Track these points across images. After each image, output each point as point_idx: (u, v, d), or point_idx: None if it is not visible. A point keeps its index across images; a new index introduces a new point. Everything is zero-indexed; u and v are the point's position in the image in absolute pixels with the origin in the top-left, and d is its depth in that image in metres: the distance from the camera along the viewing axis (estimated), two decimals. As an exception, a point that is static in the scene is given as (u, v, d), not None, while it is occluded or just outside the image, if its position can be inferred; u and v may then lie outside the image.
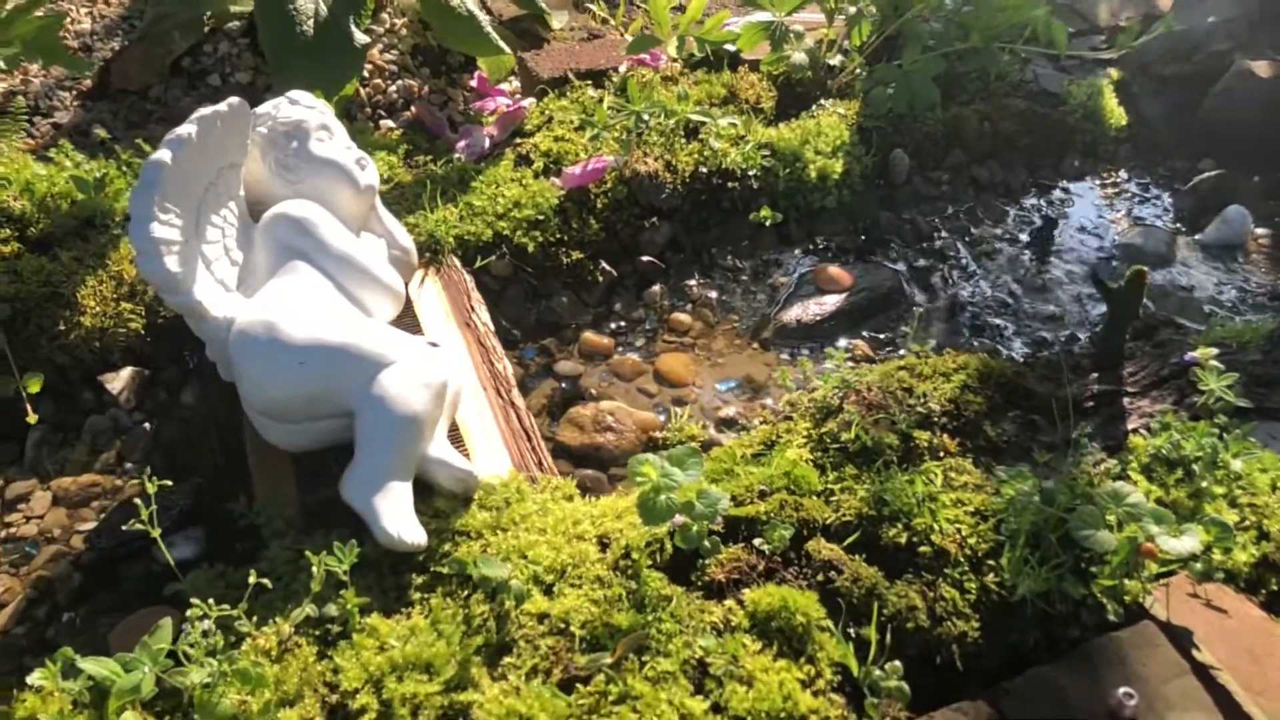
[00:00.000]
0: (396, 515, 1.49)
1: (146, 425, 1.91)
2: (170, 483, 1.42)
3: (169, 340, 2.02)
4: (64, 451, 1.86)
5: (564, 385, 2.12)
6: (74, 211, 2.09)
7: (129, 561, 1.70)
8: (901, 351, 2.21)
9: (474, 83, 2.85)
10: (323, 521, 1.59)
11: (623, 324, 2.29)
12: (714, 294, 2.38)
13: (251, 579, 1.33)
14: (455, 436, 1.74)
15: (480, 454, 1.74)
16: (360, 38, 2.40)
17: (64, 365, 1.91)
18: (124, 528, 1.42)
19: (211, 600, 1.30)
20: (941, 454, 1.78)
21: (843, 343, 2.25)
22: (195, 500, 1.75)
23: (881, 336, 2.29)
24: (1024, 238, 2.68)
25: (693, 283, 2.41)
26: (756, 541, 1.61)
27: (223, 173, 1.70)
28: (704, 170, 2.51)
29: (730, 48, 2.84)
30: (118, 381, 1.93)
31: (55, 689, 1.34)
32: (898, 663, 1.45)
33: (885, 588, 1.56)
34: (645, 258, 2.40)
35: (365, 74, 2.73)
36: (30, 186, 2.09)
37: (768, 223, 2.50)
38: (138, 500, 1.38)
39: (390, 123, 2.66)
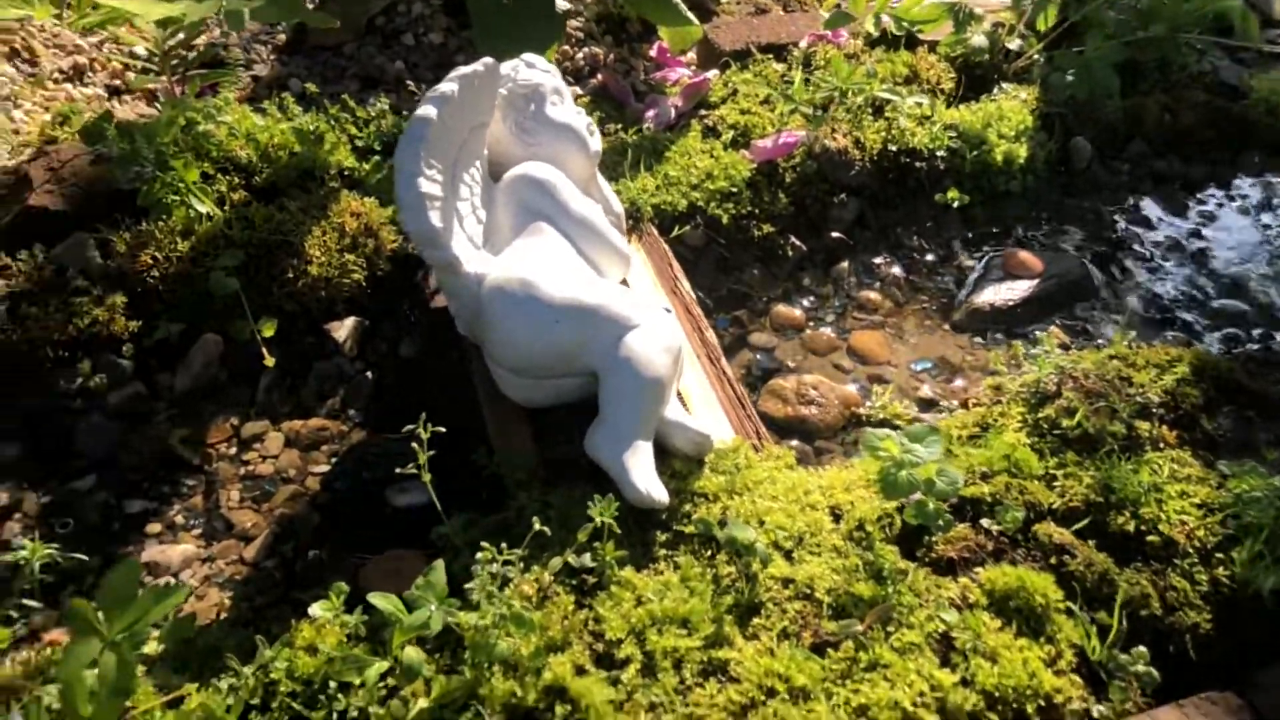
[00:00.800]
0: (644, 473, 1.53)
1: (369, 374, 1.97)
2: (444, 429, 1.47)
3: (387, 293, 2.09)
4: (292, 396, 1.93)
5: (759, 357, 2.14)
6: (294, 163, 2.16)
7: (362, 504, 1.76)
8: (1099, 341, 2.20)
9: (653, 52, 2.87)
10: (560, 475, 1.64)
11: (812, 299, 2.30)
12: (900, 273, 2.39)
13: (536, 525, 1.38)
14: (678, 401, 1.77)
15: (702, 419, 1.77)
16: (561, 3, 2.43)
17: (292, 312, 1.97)
18: (398, 470, 1.47)
19: (504, 544, 1.35)
20: (1161, 445, 1.77)
21: (1034, 329, 2.24)
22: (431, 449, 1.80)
23: (1074, 324, 2.27)
24: (1207, 233, 2.64)
25: (879, 261, 2.41)
26: (984, 521, 1.62)
27: (474, 131, 1.74)
28: (892, 149, 2.51)
29: (913, 28, 2.82)
30: (342, 330, 1.99)
31: (327, 621, 1.40)
32: (1143, 648, 1.46)
33: (1116, 574, 1.57)
34: (834, 234, 2.41)
35: (552, 40, 2.76)
36: (253, 136, 2.16)
37: (955, 204, 2.50)
38: (415, 445, 1.44)
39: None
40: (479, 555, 1.35)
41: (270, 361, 1.88)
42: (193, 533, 1.71)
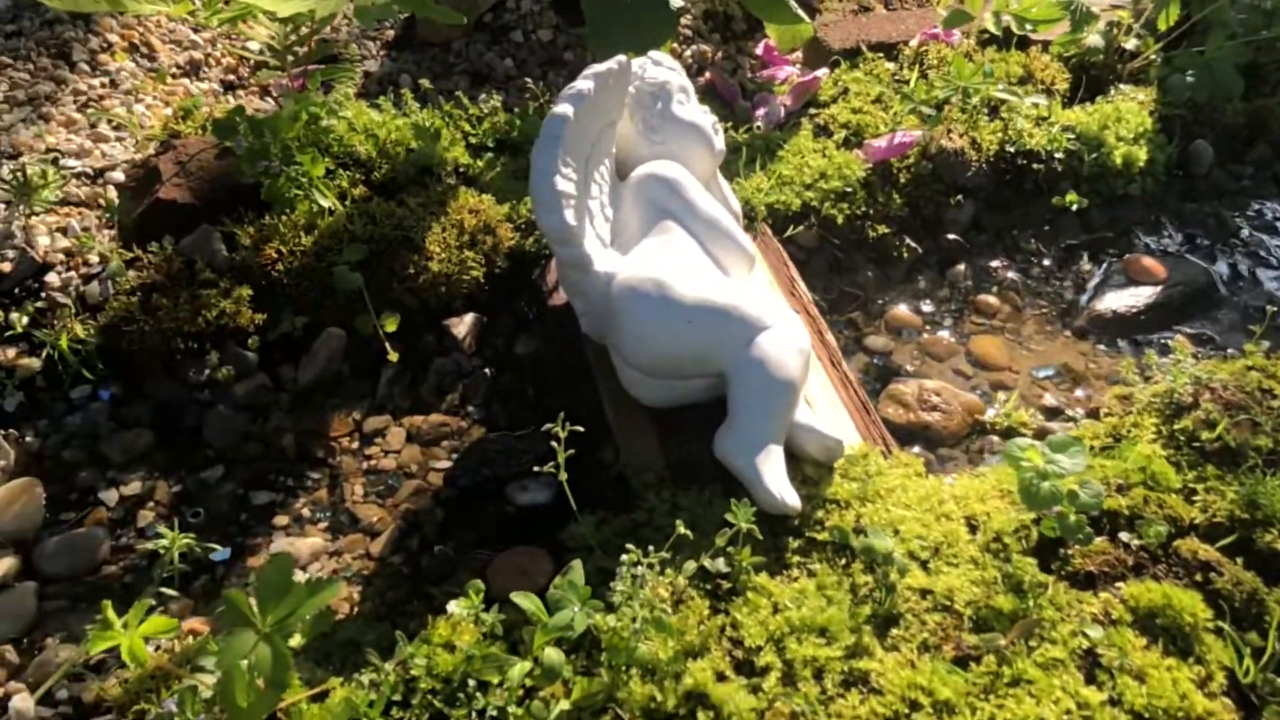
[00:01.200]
0: (778, 479, 1.51)
1: (486, 371, 1.97)
2: (582, 428, 1.46)
3: (504, 290, 2.09)
4: (412, 391, 1.94)
5: (876, 361, 2.11)
6: (411, 159, 2.17)
7: (484, 502, 1.76)
8: (1229, 350, 2.13)
9: (759, 50, 2.84)
10: (686, 476, 1.62)
11: (928, 302, 2.26)
12: (1017, 277, 2.34)
13: (679, 529, 1.36)
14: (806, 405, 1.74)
15: (828, 424, 1.74)
16: (675, 1, 2.41)
17: (411, 308, 1.98)
18: (536, 469, 1.47)
19: (652, 547, 1.33)
20: (1308, 461, 1.71)
21: (1159, 337, 2.18)
22: (551, 448, 1.80)
23: (1199, 333, 2.21)
24: (1335, 240, 2.55)
25: (996, 264, 2.37)
26: (1122, 535, 1.58)
27: (604, 130, 1.73)
28: (1009, 150, 2.45)
29: (1032, 28, 2.75)
30: (461, 327, 2.00)
31: (462, 618, 1.40)
32: (1302, 672, 1.41)
33: (1265, 594, 1.51)
34: (950, 236, 2.36)
35: (659, 37, 2.74)
36: (372, 132, 2.18)
37: (1074, 207, 2.44)
38: (552, 443, 1.43)
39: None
40: (624, 557, 1.34)
41: (394, 357, 1.89)
42: (319, 526, 1.72)
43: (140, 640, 1.12)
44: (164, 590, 1.51)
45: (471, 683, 1.30)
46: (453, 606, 1.39)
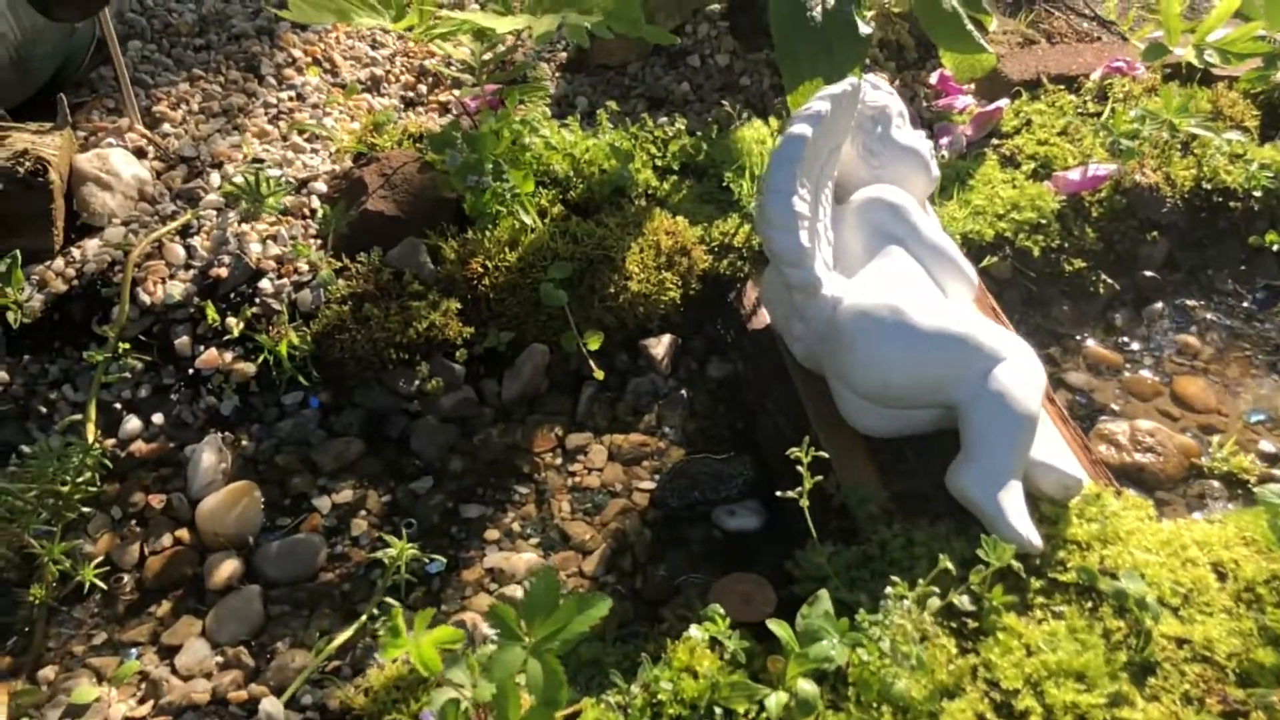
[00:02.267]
0: (1020, 516, 1.46)
1: (683, 392, 1.95)
2: (819, 451, 1.43)
3: (698, 313, 2.07)
4: (610, 409, 1.92)
5: (1078, 398, 2.04)
6: (605, 180, 2.16)
7: (691, 524, 1.73)
8: None
9: (933, 80, 2.80)
10: (913, 510, 1.58)
11: (1124, 339, 2.19)
12: (1217, 317, 2.25)
13: (942, 562, 1.32)
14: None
15: (1065, 461, 1.68)
16: (863, 28, 2.38)
17: (609, 326, 1.96)
18: (779, 494, 1.44)
19: (921, 580, 1.29)
20: None
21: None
22: (756, 473, 1.77)
23: None
24: None
25: (1193, 303, 2.29)
26: (1379, 591, 1.50)
27: (832, 153, 1.71)
28: (1204, 187, 2.38)
29: (1237, 61, 2.67)
30: (659, 347, 1.98)
31: (699, 643, 1.37)
32: None
33: None
34: (1147, 273, 2.29)
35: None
36: (569, 151, 2.18)
37: (1274, 248, 2.35)
38: (800, 468, 1.40)
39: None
40: (890, 590, 1.30)
41: (600, 375, 1.87)
42: (530, 541, 1.70)
43: (431, 648, 1.10)
44: (387, 600, 1.51)
45: (718, 710, 1.27)
46: (694, 631, 1.36)
